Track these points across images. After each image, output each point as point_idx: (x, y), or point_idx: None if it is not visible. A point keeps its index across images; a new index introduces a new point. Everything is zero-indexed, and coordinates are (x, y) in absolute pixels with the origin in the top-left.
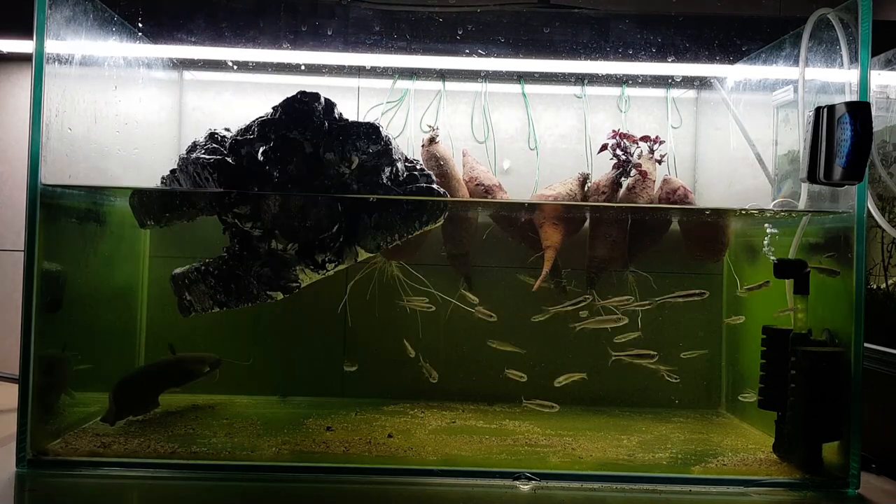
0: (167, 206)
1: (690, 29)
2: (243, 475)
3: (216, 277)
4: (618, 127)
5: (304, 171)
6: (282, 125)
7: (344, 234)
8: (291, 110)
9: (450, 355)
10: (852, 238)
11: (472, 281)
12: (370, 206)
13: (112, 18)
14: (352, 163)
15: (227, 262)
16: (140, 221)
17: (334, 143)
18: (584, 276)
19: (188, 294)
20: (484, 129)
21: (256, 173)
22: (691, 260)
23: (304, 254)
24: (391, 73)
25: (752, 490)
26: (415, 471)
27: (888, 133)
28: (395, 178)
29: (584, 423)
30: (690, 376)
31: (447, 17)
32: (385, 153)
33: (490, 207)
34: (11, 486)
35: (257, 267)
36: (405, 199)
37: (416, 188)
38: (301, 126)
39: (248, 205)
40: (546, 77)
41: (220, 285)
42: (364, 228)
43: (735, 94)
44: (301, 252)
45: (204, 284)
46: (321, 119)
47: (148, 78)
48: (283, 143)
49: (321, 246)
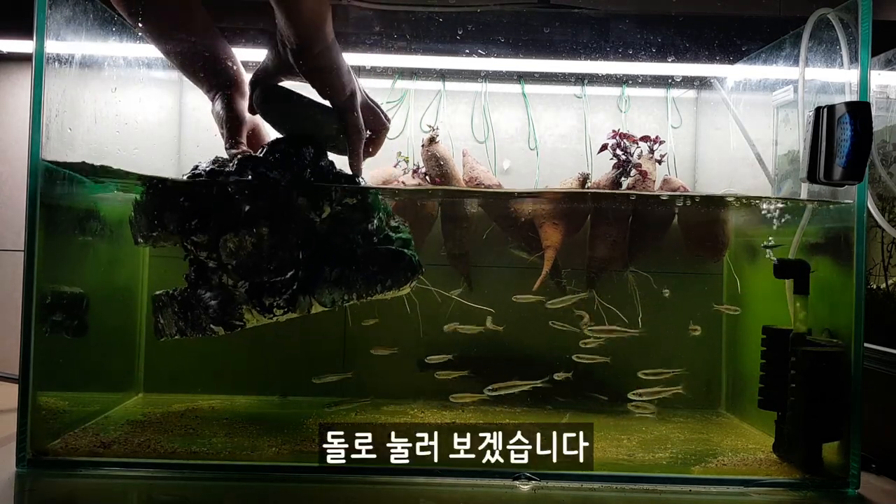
0: (151, 226)
1: (690, 29)
2: (243, 475)
3: (179, 304)
4: (618, 127)
5: (275, 211)
6: (261, 163)
7: (300, 282)
8: (277, 151)
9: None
10: (852, 238)
11: (471, 281)
12: (332, 259)
13: (112, 18)
14: (323, 211)
15: (186, 289)
16: (134, 238)
17: (308, 189)
18: (584, 275)
19: (161, 317)
20: (484, 129)
21: (224, 204)
22: (691, 259)
23: (253, 294)
24: (391, 73)
25: (752, 490)
26: (415, 470)
27: (888, 133)
28: (367, 234)
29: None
30: (690, 376)
31: (447, 17)
32: (361, 208)
33: (486, 200)
34: (11, 486)
35: (207, 298)
36: (370, 261)
37: (385, 250)
38: (282, 168)
39: (206, 234)
40: (546, 77)
41: (181, 312)
42: (322, 281)
43: (735, 94)
44: (250, 292)
45: (171, 309)
46: (305, 165)
47: (148, 78)
48: (259, 180)
49: (272, 290)
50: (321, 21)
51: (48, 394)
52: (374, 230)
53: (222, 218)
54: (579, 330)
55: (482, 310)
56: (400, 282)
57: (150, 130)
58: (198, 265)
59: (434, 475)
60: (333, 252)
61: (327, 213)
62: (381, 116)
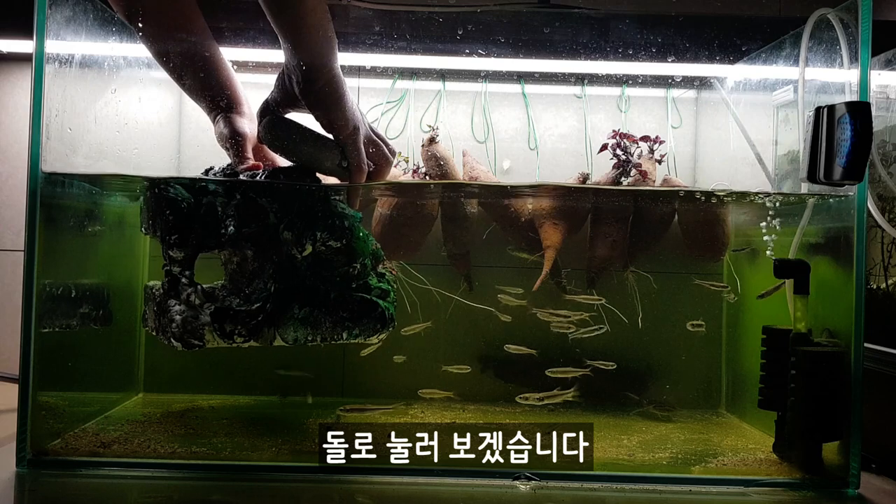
0: (147, 224)
1: (690, 29)
2: (243, 475)
3: (157, 304)
4: (618, 127)
5: (258, 239)
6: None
7: (266, 315)
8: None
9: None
10: (852, 238)
11: (472, 280)
12: (304, 297)
13: (112, 18)
14: (304, 249)
15: (162, 295)
16: (141, 225)
17: (295, 223)
18: (584, 276)
19: (147, 309)
20: (484, 129)
21: (208, 223)
22: (692, 259)
23: (217, 318)
24: (391, 72)
25: (752, 490)
26: (415, 470)
27: (888, 133)
28: (347, 278)
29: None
30: (690, 376)
31: (447, 18)
32: (346, 251)
33: (486, 199)
34: (12, 485)
35: (173, 312)
36: (341, 306)
37: (359, 299)
38: (271, 196)
39: (183, 251)
40: (546, 77)
41: (157, 313)
42: (290, 317)
43: (735, 94)
44: (214, 315)
45: (153, 305)
46: (299, 198)
47: (148, 78)
48: (247, 203)
49: (235, 318)
50: (326, 56)
51: (48, 394)
52: (354, 275)
53: (204, 237)
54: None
55: (484, 309)
56: (367, 332)
57: (150, 130)
58: (171, 277)
59: (434, 475)
60: (306, 290)
61: (309, 251)
62: (384, 150)
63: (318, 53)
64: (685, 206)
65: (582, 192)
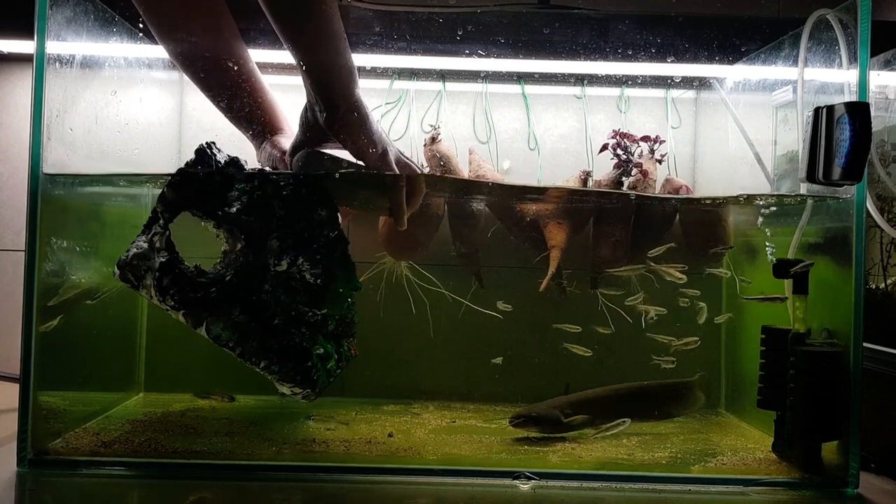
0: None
1: (690, 29)
2: (244, 474)
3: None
4: (618, 127)
5: (250, 231)
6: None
7: (207, 297)
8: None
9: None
10: (851, 238)
11: (482, 279)
12: (249, 305)
13: (113, 19)
14: (280, 264)
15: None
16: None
17: (287, 237)
18: (587, 276)
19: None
20: (486, 129)
21: (217, 188)
22: (692, 260)
23: (163, 269)
24: (391, 73)
25: (752, 489)
26: (415, 470)
27: (887, 133)
28: (300, 316)
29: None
30: (689, 375)
31: (447, 18)
32: (318, 294)
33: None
34: (12, 485)
35: (134, 244)
36: (276, 336)
37: (297, 343)
38: (283, 202)
39: (177, 194)
40: (546, 77)
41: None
42: (227, 314)
43: (734, 94)
44: (162, 266)
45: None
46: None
47: (149, 78)
48: (258, 196)
49: (178, 279)
50: (347, 83)
51: (49, 393)
52: (311, 322)
53: (203, 194)
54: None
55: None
56: (286, 378)
57: (151, 131)
58: (154, 213)
59: (434, 475)
60: (258, 302)
61: (283, 269)
62: (414, 168)
63: (339, 81)
64: (686, 205)
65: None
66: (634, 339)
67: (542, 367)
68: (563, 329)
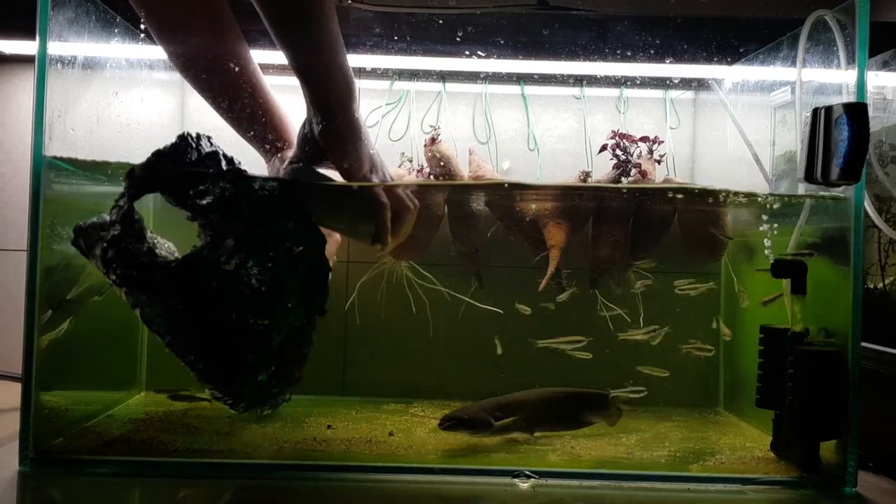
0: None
1: (688, 30)
2: (245, 473)
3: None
4: (617, 127)
5: (211, 222)
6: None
7: (145, 277)
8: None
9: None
10: (849, 238)
11: (482, 278)
12: (187, 296)
13: (114, 20)
14: (228, 265)
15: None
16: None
17: (243, 239)
18: (587, 276)
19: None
20: (486, 129)
21: (190, 178)
22: (691, 260)
23: (112, 242)
24: (392, 74)
25: (750, 488)
26: (415, 469)
27: (885, 133)
28: (241, 325)
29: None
30: (689, 375)
31: (447, 20)
32: (262, 305)
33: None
34: (14, 484)
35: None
36: (207, 335)
37: (227, 351)
38: (251, 201)
39: (145, 172)
40: (545, 78)
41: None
42: (161, 302)
43: (733, 95)
44: (113, 238)
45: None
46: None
47: (150, 79)
48: (226, 199)
49: (122, 254)
50: (346, 97)
51: (51, 393)
52: (257, 329)
53: (175, 181)
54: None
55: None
56: (204, 379)
57: (152, 131)
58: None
59: (434, 473)
60: (195, 292)
61: (231, 268)
62: (404, 198)
63: (336, 88)
64: (686, 205)
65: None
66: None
67: (541, 368)
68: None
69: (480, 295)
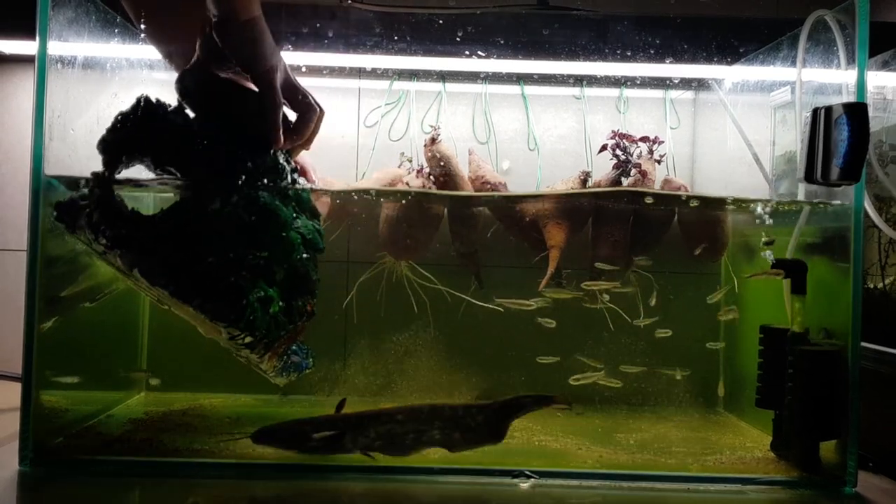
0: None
1: (688, 30)
2: (246, 473)
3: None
4: (617, 128)
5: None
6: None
7: (131, 231)
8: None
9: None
10: (849, 238)
11: (482, 279)
12: (183, 243)
13: (114, 20)
14: (214, 204)
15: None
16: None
17: (223, 178)
18: (587, 276)
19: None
20: (486, 129)
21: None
22: (691, 260)
23: (90, 219)
24: (391, 74)
25: (750, 488)
26: (415, 469)
27: (885, 133)
28: (242, 261)
29: (583, 422)
30: (689, 375)
31: (447, 20)
32: (261, 238)
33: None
34: (14, 484)
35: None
36: (209, 278)
37: (231, 280)
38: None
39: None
40: (545, 78)
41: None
42: (151, 250)
43: (733, 95)
44: (100, 198)
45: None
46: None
47: (150, 79)
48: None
49: (106, 218)
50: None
51: (51, 393)
52: (256, 263)
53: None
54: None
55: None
56: (217, 317)
57: None
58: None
59: (434, 473)
60: (190, 236)
61: (217, 208)
62: (310, 100)
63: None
64: (685, 206)
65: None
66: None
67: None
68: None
69: (483, 295)
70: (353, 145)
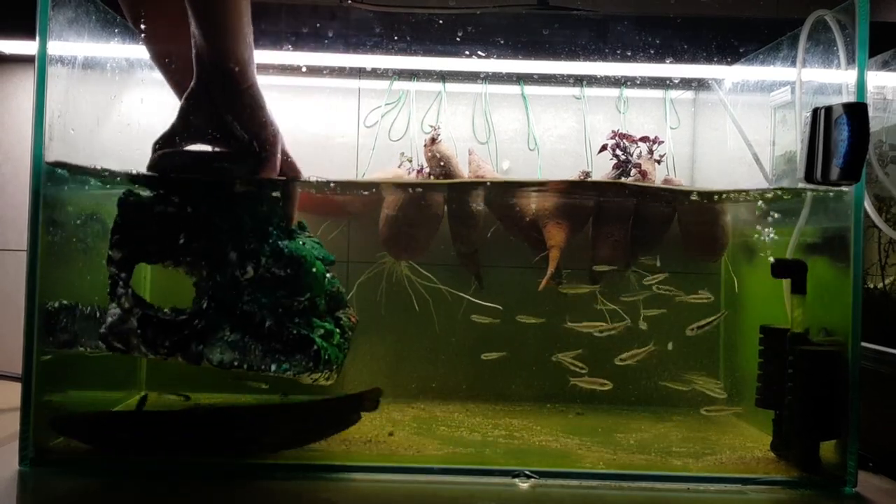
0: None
1: (688, 30)
2: (245, 474)
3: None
4: (617, 127)
5: (206, 255)
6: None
7: (194, 330)
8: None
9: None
10: (849, 238)
11: (482, 279)
12: (236, 320)
13: (114, 20)
14: (246, 272)
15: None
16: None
17: (241, 244)
18: (587, 276)
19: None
20: (486, 129)
21: (157, 231)
22: (690, 260)
23: (142, 323)
24: (392, 74)
25: (750, 488)
26: (415, 469)
27: (885, 133)
28: (289, 311)
29: (583, 422)
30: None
31: (447, 20)
32: (293, 283)
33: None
34: (14, 484)
35: (109, 313)
36: (274, 337)
37: (294, 333)
38: (221, 214)
39: (121, 252)
40: (545, 78)
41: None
42: (219, 338)
43: (733, 95)
44: (140, 320)
45: (66, 316)
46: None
47: (150, 79)
48: (197, 217)
49: (160, 327)
50: (251, 64)
51: (51, 393)
52: (299, 309)
53: (147, 242)
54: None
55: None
56: (298, 369)
57: (152, 131)
58: (112, 278)
59: (434, 473)
60: (241, 314)
61: (250, 276)
62: (294, 164)
63: (246, 59)
64: (685, 205)
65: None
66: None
67: (543, 367)
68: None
69: (483, 296)
70: (353, 145)
